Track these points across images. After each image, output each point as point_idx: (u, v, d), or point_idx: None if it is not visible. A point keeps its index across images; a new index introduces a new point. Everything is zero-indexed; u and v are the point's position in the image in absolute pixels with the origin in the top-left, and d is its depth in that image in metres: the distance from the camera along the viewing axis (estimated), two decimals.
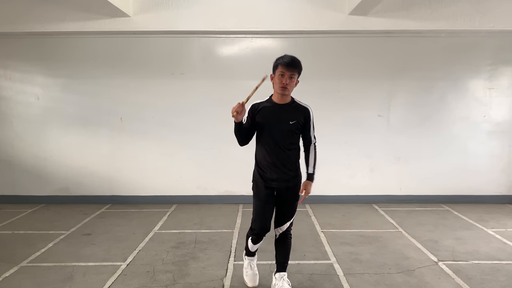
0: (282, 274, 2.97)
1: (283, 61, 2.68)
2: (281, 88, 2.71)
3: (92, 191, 5.64)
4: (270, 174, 2.80)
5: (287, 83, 2.69)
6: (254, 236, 2.94)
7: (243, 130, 2.78)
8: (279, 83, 2.70)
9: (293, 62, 2.69)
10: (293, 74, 2.70)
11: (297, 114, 2.81)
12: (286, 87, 2.71)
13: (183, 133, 5.52)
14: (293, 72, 2.69)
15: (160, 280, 3.20)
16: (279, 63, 2.70)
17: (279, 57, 2.74)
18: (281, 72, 2.69)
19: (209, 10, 4.94)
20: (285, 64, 2.67)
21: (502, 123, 5.54)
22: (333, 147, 5.52)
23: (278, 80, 2.71)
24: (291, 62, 2.67)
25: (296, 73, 2.73)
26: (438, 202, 5.55)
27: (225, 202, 5.51)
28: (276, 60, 2.75)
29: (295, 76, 2.73)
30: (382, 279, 3.22)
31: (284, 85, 2.69)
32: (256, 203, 2.88)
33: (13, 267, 3.46)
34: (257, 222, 2.86)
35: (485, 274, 3.30)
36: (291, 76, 2.70)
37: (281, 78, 2.69)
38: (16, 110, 5.55)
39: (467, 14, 4.85)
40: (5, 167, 5.64)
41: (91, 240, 4.16)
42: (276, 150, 2.78)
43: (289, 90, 2.75)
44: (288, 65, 2.67)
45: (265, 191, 2.83)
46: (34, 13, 4.96)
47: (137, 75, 5.43)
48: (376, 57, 5.39)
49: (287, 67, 2.67)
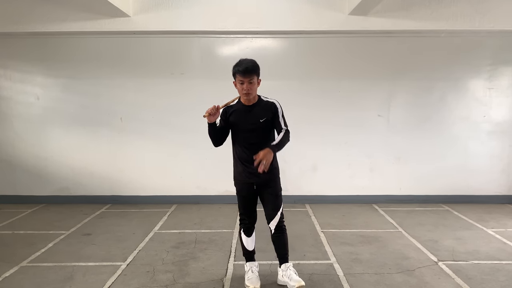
0: (287, 265, 3.08)
1: (239, 69, 2.84)
2: (244, 94, 2.90)
3: (92, 191, 5.64)
4: (249, 169, 2.98)
5: (247, 89, 2.86)
6: (244, 226, 3.13)
7: (216, 132, 3.01)
8: (241, 90, 2.89)
9: (248, 69, 2.83)
10: (252, 79, 2.85)
11: (266, 112, 2.98)
12: (248, 92, 2.88)
13: (183, 133, 5.52)
14: (251, 77, 2.85)
15: (160, 280, 3.20)
16: (236, 72, 2.87)
17: (236, 63, 2.89)
18: (240, 80, 2.86)
19: (209, 10, 4.94)
20: (241, 73, 2.83)
21: (502, 123, 5.54)
22: (333, 147, 5.53)
23: (239, 87, 2.90)
24: (246, 70, 2.82)
25: (254, 76, 2.88)
26: (438, 202, 5.55)
27: (225, 202, 5.52)
28: (233, 67, 2.90)
29: (254, 79, 2.88)
30: (382, 279, 3.22)
31: (245, 91, 2.87)
32: (240, 199, 3.11)
33: (13, 267, 3.46)
34: (244, 214, 3.11)
35: (485, 274, 3.30)
36: (250, 81, 2.85)
37: (241, 85, 2.87)
38: (16, 110, 5.56)
39: (467, 14, 4.86)
40: (5, 167, 5.65)
41: (91, 240, 4.16)
42: (250, 148, 2.96)
43: (252, 93, 2.92)
44: (244, 73, 2.82)
45: (246, 187, 3.04)
46: (34, 13, 4.96)
47: (137, 75, 5.43)
48: (376, 57, 5.39)
49: (244, 75, 2.83)
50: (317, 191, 5.62)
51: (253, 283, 3.05)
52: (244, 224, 3.13)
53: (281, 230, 3.05)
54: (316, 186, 5.61)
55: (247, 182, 3.03)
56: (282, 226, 3.05)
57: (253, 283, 3.05)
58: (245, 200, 3.08)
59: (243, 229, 3.14)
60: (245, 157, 3.00)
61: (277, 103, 3.03)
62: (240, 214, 3.16)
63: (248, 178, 3.01)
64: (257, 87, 2.96)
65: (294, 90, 5.38)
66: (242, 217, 3.14)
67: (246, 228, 3.13)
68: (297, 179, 5.53)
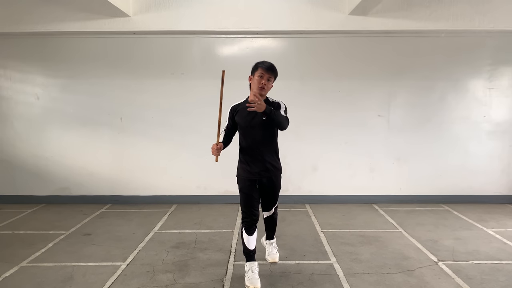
0: (271, 241, 3.58)
1: (263, 65, 3.00)
2: (259, 88, 2.99)
3: (92, 191, 5.64)
4: (252, 168, 3.11)
5: (265, 84, 2.98)
6: (246, 224, 3.16)
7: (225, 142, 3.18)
8: (258, 83, 2.99)
9: (272, 67, 3.02)
10: (270, 77, 3.02)
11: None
12: (264, 87, 3.00)
13: (183, 133, 5.52)
14: (270, 76, 3.01)
15: (160, 280, 3.20)
16: (260, 66, 3.00)
17: (260, 61, 3.04)
18: (261, 73, 2.99)
19: (209, 10, 4.94)
20: (265, 68, 2.98)
21: (502, 123, 5.54)
22: (333, 147, 5.53)
23: (257, 80, 3.00)
24: (271, 67, 3.01)
25: (273, 77, 3.04)
26: (438, 202, 5.55)
27: (225, 202, 5.52)
28: (257, 63, 3.04)
29: (271, 79, 3.04)
30: (382, 279, 3.22)
31: (262, 85, 2.98)
32: (242, 196, 3.16)
33: (13, 267, 3.46)
34: (246, 212, 3.15)
35: (485, 274, 3.30)
36: (269, 79, 3.01)
37: (260, 79, 2.99)
38: (16, 110, 5.55)
39: (467, 15, 4.86)
40: (5, 167, 5.65)
41: (91, 240, 4.16)
42: (255, 145, 3.09)
43: (266, 91, 3.04)
44: (268, 68, 2.99)
45: (249, 184, 3.13)
46: (34, 13, 4.96)
47: (137, 75, 5.43)
48: (376, 57, 5.39)
49: (267, 70, 2.98)
50: (317, 191, 5.62)
51: (253, 283, 3.05)
52: (245, 222, 3.16)
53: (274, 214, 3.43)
54: (316, 186, 5.61)
55: (250, 179, 3.12)
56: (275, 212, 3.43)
57: (253, 283, 3.05)
58: (247, 197, 3.13)
59: (245, 227, 3.16)
60: (249, 154, 3.12)
61: (281, 103, 3.16)
62: (242, 212, 3.18)
63: (251, 175, 3.11)
64: (269, 89, 3.08)
65: (294, 90, 5.38)
66: (244, 215, 3.17)
67: (247, 226, 3.15)
68: (297, 179, 5.54)
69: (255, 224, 3.16)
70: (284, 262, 3.53)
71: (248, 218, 3.14)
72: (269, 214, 3.41)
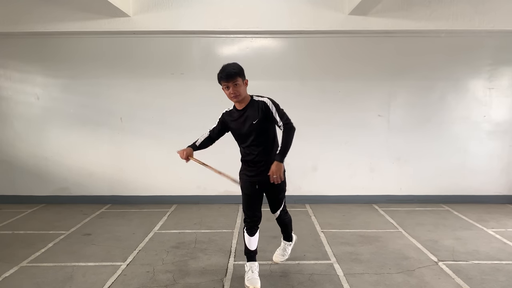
0: (287, 243, 3.50)
1: (221, 76, 2.85)
2: (233, 98, 2.92)
3: (92, 191, 5.64)
4: (250, 171, 3.08)
5: (233, 92, 2.87)
6: (248, 225, 3.13)
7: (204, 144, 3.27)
8: (229, 95, 2.90)
9: (229, 74, 2.83)
10: (236, 81, 2.85)
11: (256, 113, 2.94)
12: (235, 95, 2.88)
13: (183, 133, 5.48)
14: (234, 81, 2.84)
15: (160, 280, 3.20)
16: (220, 80, 2.88)
17: (219, 70, 2.89)
18: (225, 85, 2.88)
19: (209, 10, 4.94)
20: (224, 78, 2.84)
21: (502, 123, 5.54)
22: (333, 147, 5.53)
23: (226, 93, 2.91)
24: (227, 75, 2.83)
25: (238, 78, 2.86)
26: (438, 202, 5.55)
27: (225, 202, 5.52)
28: (217, 75, 2.89)
29: (238, 82, 2.87)
30: (382, 279, 3.22)
31: (232, 95, 2.88)
32: (243, 196, 3.14)
33: (13, 267, 3.46)
34: (247, 213, 3.13)
35: (485, 274, 3.30)
36: (235, 84, 2.85)
37: (227, 90, 2.89)
38: (16, 110, 5.55)
39: (467, 14, 4.85)
40: (5, 167, 5.65)
41: (91, 240, 4.16)
42: (249, 150, 3.04)
43: (241, 95, 2.90)
44: (226, 78, 2.83)
45: (249, 185, 3.09)
46: (34, 13, 4.96)
47: (137, 75, 5.43)
48: (376, 57, 5.39)
49: (227, 80, 2.84)
50: (317, 191, 5.62)
51: (253, 283, 3.05)
52: (246, 223, 3.14)
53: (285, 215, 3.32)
54: (316, 186, 5.61)
55: (250, 180, 3.09)
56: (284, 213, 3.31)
57: (252, 283, 3.05)
58: (248, 198, 3.10)
59: (246, 227, 3.14)
60: (247, 158, 3.09)
61: (267, 101, 2.94)
62: (244, 212, 3.16)
63: (249, 178, 3.09)
64: (245, 87, 2.94)
65: (294, 90, 5.38)
66: (245, 215, 3.14)
67: (248, 227, 3.13)
68: (297, 179, 5.53)
69: (257, 225, 3.14)
70: (284, 262, 3.52)
71: (248, 219, 3.12)
72: (276, 216, 3.31)
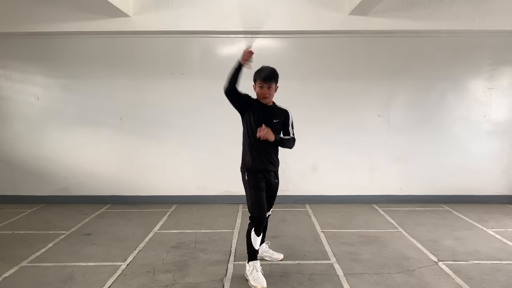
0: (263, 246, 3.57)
1: (260, 75, 3.04)
2: (263, 98, 3.10)
3: (92, 191, 5.64)
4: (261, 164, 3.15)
5: (266, 93, 3.07)
6: (257, 224, 3.10)
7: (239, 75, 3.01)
8: (260, 94, 3.09)
9: (269, 76, 3.04)
10: (271, 85, 3.06)
11: (279, 115, 3.21)
12: (267, 97, 3.09)
13: (183, 133, 5.52)
14: (270, 84, 3.06)
15: (160, 280, 3.20)
16: (257, 78, 3.07)
17: (257, 70, 3.09)
18: (260, 84, 3.06)
19: (209, 10, 4.93)
20: (262, 79, 3.03)
21: (502, 123, 5.54)
22: (333, 147, 5.53)
23: (259, 91, 3.09)
24: (267, 77, 3.03)
25: (274, 83, 3.08)
26: (438, 202, 5.55)
27: (225, 202, 5.52)
28: (255, 74, 3.10)
29: (272, 86, 3.09)
30: (382, 279, 3.22)
31: (264, 95, 3.08)
32: (255, 193, 3.11)
33: (13, 267, 3.46)
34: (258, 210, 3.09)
35: (485, 274, 3.30)
36: (269, 87, 3.06)
37: (260, 89, 3.07)
38: (16, 110, 5.55)
39: (467, 15, 4.85)
40: (5, 167, 5.65)
41: (91, 240, 4.16)
42: (262, 143, 3.09)
43: (270, 98, 3.13)
44: (265, 79, 3.03)
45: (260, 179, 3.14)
46: (34, 13, 4.96)
47: (137, 75, 5.42)
48: (376, 57, 5.39)
49: (264, 81, 3.04)
50: (317, 191, 5.62)
51: (260, 282, 3.04)
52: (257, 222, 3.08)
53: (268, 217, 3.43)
54: (316, 186, 5.61)
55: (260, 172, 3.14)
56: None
57: (260, 283, 3.04)
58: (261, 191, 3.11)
59: (255, 227, 3.09)
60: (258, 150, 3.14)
61: (289, 112, 3.27)
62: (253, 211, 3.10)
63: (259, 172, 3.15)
64: (275, 93, 3.14)
65: (294, 90, 5.37)
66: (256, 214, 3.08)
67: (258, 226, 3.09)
68: (297, 179, 5.53)
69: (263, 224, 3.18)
70: (284, 262, 3.52)
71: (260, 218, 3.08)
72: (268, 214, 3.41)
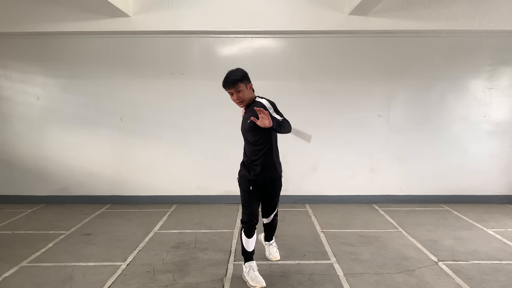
0: (270, 242, 3.59)
1: (224, 83, 2.95)
2: (238, 104, 3.04)
3: (92, 191, 5.64)
4: (250, 170, 3.11)
5: (237, 99, 2.98)
6: (246, 228, 3.11)
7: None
8: (235, 101, 3.02)
9: (231, 82, 2.91)
10: (238, 88, 2.93)
11: (253, 112, 2.93)
12: (240, 101, 3.00)
13: (183, 133, 5.52)
14: (236, 87, 2.92)
15: (160, 280, 3.20)
16: (223, 86, 2.98)
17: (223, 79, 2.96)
18: (229, 92, 2.99)
19: (209, 10, 4.93)
20: (226, 86, 2.95)
21: (502, 123, 5.54)
22: (333, 147, 5.53)
23: (232, 98, 3.02)
24: (229, 83, 2.91)
25: (239, 84, 2.92)
26: (438, 202, 5.55)
27: (225, 202, 5.52)
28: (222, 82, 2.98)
29: (241, 87, 2.94)
30: (382, 279, 3.22)
31: (237, 101, 3.00)
32: (246, 196, 3.13)
33: (13, 267, 3.47)
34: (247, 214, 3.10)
35: (485, 274, 3.30)
36: (238, 90, 2.94)
37: (232, 97, 3.00)
38: (16, 110, 5.55)
39: (467, 14, 4.85)
40: (5, 167, 5.65)
41: (91, 240, 4.16)
42: (248, 148, 3.11)
43: (244, 100, 3.00)
44: (229, 85, 2.93)
45: (250, 185, 3.10)
46: (34, 13, 4.96)
47: (137, 75, 5.43)
48: (376, 57, 5.39)
49: (229, 87, 2.94)
50: (317, 191, 5.62)
51: (259, 282, 3.04)
52: (245, 225, 3.10)
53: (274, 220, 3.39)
54: (316, 186, 5.61)
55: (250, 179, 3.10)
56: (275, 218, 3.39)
57: (259, 282, 3.04)
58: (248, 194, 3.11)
59: (244, 229, 3.12)
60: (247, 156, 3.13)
61: (265, 102, 3.02)
62: (243, 213, 3.13)
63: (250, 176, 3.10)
64: (250, 91, 3.02)
65: (294, 90, 5.38)
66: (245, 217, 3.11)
67: (247, 229, 3.10)
68: (297, 179, 5.54)
69: (255, 227, 3.14)
70: (284, 262, 3.53)
71: (248, 221, 3.09)
72: (268, 221, 3.38)
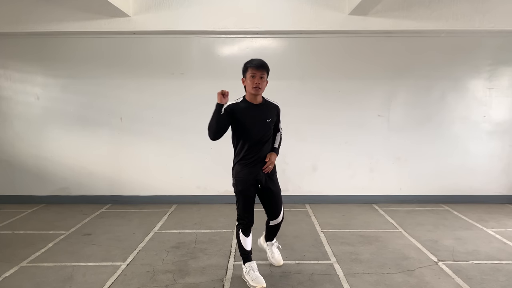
0: (272, 242, 3.50)
1: (252, 64, 2.92)
2: (254, 89, 2.93)
3: (92, 191, 5.64)
4: (255, 168, 3.06)
5: (259, 83, 2.91)
6: (244, 226, 3.11)
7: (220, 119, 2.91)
8: (252, 84, 2.92)
9: (263, 64, 2.93)
10: (263, 74, 2.93)
11: (271, 112, 3.12)
12: (259, 87, 2.93)
13: (183, 133, 5.52)
14: (262, 72, 2.93)
15: (160, 280, 3.20)
16: (249, 66, 2.93)
17: (247, 61, 2.97)
18: (252, 73, 2.92)
19: (209, 10, 4.94)
20: (255, 66, 2.91)
21: (502, 123, 5.54)
22: (333, 147, 5.53)
23: (250, 81, 2.93)
24: (261, 64, 2.92)
25: (265, 73, 2.96)
26: (438, 202, 5.55)
27: (225, 202, 5.51)
28: (245, 64, 2.98)
29: (264, 76, 2.95)
30: (382, 279, 3.22)
31: (256, 85, 2.91)
32: (242, 199, 3.08)
33: (13, 267, 3.46)
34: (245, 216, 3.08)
35: (485, 274, 3.30)
36: (261, 76, 2.93)
37: (252, 79, 2.92)
38: (16, 110, 5.55)
39: (467, 14, 4.85)
40: (5, 167, 5.65)
41: (91, 240, 4.16)
42: (257, 145, 3.05)
43: (262, 89, 2.97)
44: (258, 66, 2.91)
45: (250, 186, 3.07)
46: (34, 13, 4.96)
47: (137, 75, 5.43)
48: (376, 57, 5.39)
49: (257, 69, 2.90)
50: (317, 191, 5.62)
51: (259, 282, 3.04)
52: (242, 225, 3.11)
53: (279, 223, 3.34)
54: (316, 186, 5.61)
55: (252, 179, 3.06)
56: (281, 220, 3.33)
57: (259, 282, 3.04)
58: (250, 199, 3.09)
59: (242, 229, 3.11)
60: (253, 154, 3.05)
61: (279, 106, 3.21)
62: (239, 215, 3.12)
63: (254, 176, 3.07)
64: (265, 87, 3.02)
65: (294, 90, 5.38)
66: (242, 218, 3.11)
67: (245, 228, 3.11)
68: (297, 179, 5.54)
69: (252, 225, 3.15)
70: (284, 262, 3.52)
71: (245, 221, 3.09)
72: (276, 222, 3.30)
